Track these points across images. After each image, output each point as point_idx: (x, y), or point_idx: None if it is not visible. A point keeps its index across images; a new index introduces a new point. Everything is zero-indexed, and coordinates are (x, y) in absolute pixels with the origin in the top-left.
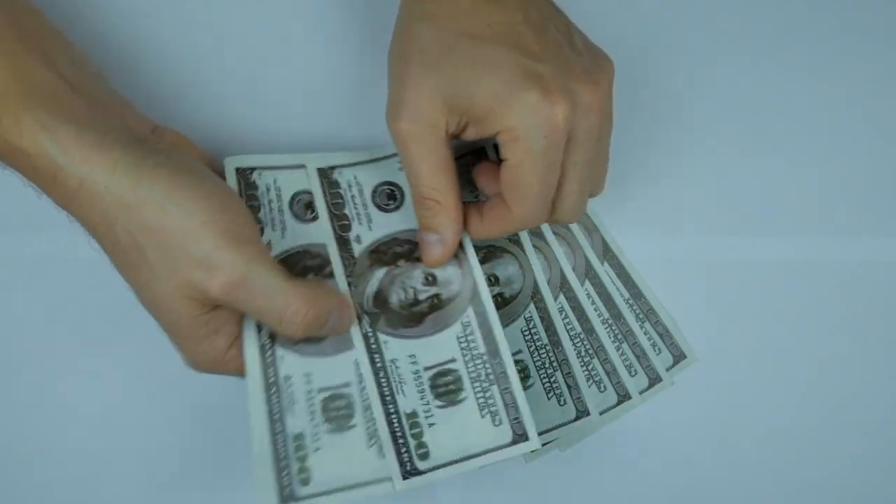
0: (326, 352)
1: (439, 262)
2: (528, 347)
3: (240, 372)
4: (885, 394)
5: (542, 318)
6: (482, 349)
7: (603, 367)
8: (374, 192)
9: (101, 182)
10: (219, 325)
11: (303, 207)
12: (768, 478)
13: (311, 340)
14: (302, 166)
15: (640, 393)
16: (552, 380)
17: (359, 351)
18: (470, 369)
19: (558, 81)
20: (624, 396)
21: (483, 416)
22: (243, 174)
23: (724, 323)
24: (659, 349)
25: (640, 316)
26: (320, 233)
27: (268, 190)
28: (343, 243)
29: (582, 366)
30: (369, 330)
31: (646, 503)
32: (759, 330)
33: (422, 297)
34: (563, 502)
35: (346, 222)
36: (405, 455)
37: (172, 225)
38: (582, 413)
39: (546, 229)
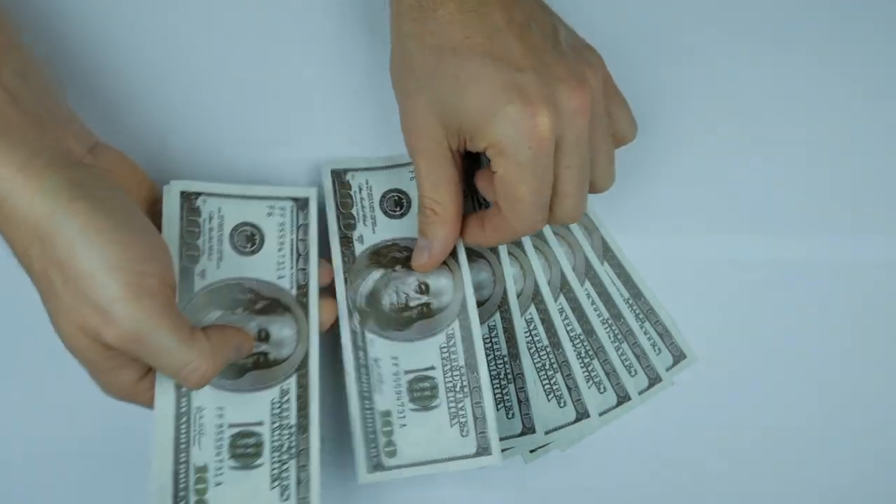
0: (242, 388)
1: (423, 268)
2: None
3: (151, 404)
4: (885, 394)
5: (542, 320)
6: (462, 361)
7: (603, 368)
8: (383, 197)
9: (20, 205)
10: (124, 361)
11: (244, 239)
12: (768, 478)
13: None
14: (248, 197)
15: (640, 393)
16: (552, 381)
17: (345, 346)
18: (447, 379)
19: (540, 90)
20: (624, 398)
21: (453, 425)
22: (188, 198)
23: (724, 323)
24: (659, 349)
25: (640, 316)
26: (258, 267)
27: (210, 217)
28: (346, 242)
29: (582, 367)
30: (358, 327)
31: (646, 503)
32: (759, 330)
33: (412, 303)
34: (563, 502)
35: (352, 221)
36: (373, 450)
37: (79, 265)
38: (582, 415)
39: (546, 229)
